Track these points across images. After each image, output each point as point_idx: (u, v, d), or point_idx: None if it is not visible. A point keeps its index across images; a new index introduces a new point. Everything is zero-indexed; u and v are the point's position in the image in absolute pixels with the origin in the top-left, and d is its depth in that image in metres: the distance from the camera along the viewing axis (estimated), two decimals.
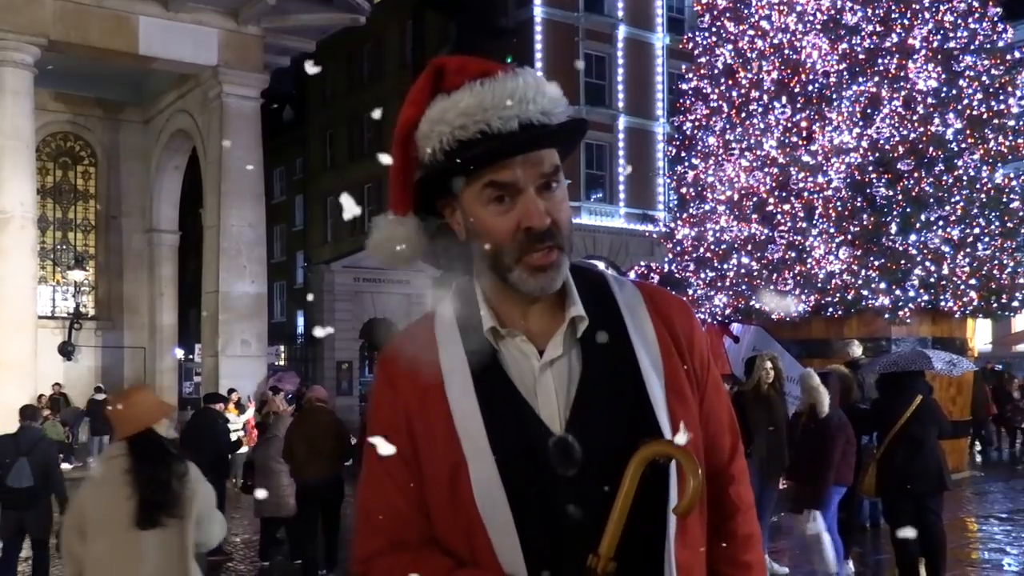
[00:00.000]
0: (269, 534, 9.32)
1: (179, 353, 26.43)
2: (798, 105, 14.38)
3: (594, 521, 1.32)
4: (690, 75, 16.58)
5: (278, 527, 9.41)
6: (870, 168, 13.61)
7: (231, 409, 15.79)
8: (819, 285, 13.70)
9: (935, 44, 13.74)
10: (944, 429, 7.91)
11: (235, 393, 15.95)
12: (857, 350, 11.08)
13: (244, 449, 12.24)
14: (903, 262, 13.28)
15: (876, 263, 13.37)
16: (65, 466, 10.35)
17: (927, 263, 13.23)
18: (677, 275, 16.23)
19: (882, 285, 13.29)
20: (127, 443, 3.83)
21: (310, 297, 27.90)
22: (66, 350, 22.09)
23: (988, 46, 14.02)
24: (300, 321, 41.31)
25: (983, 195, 13.60)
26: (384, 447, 1.43)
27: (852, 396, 8.60)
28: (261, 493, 8.80)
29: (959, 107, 13.58)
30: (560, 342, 1.43)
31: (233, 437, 10.96)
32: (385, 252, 1.52)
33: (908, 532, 7.38)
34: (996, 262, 13.50)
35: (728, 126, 15.38)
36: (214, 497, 4.12)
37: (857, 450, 8.26)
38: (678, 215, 17.02)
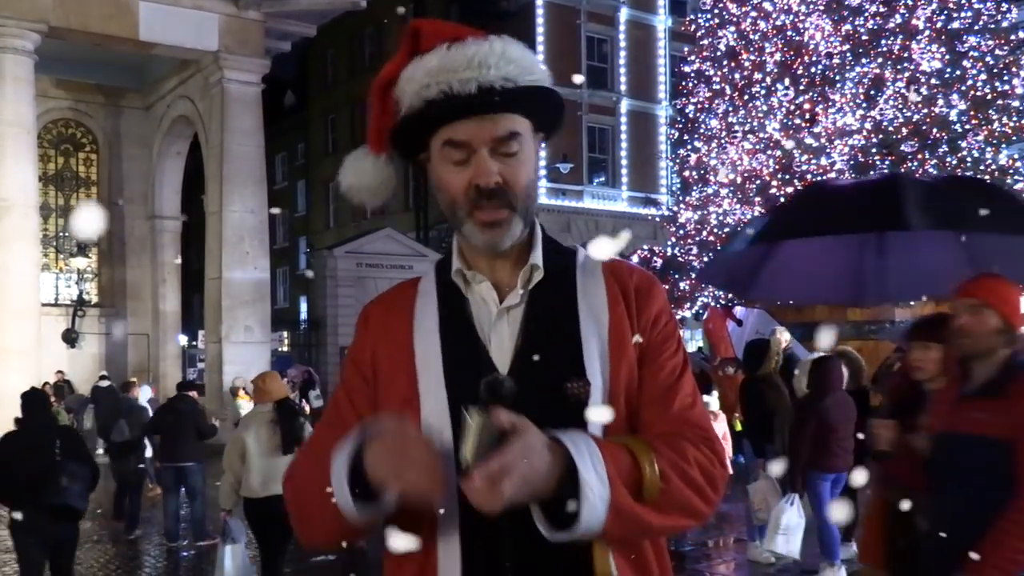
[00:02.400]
0: None
1: (182, 340, 26.47)
2: (801, 87, 14.33)
3: None
4: (692, 57, 16.52)
5: None
6: (873, 150, 13.56)
7: (242, 396, 15.79)
8: None
9: (939, 24, 13.67)
10: None
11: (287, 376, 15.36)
12: (785, 335, 10.82)
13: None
14: None
15: None
16: None
17: None
18: (680, 258, 16.21)
19: None
20: (272, 404, 6.43)
21: (310, 274, 27.94)
22: (70, 337, 22.12)
23: (992, 26, 13.94)
24: (303, 307, 41.38)
25: (987, 176, 13.55)
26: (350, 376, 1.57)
27: (862, 379, 8.54)
28: None
29: (963, 88, 13.53)
30: (519, 291, 1.51)
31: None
32: (353, 184, 1.62)
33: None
34: None
35: (731, 108, 15.33)
36: None
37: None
38: (681, 198, 17.00)
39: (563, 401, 1.40)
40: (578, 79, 25.95)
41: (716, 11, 15.87)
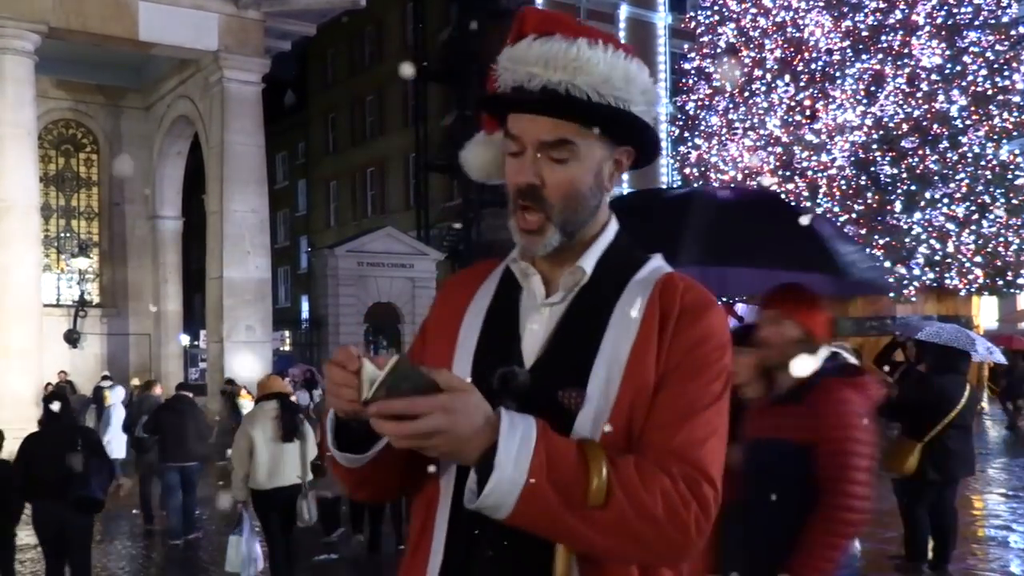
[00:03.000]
0: (329, 511, 9.26)
1: (184, 339, 26.48)
2: (801, 83, 14.31)
3: None
4: (692, 54, 16.50)
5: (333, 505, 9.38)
6: (874, 146, 13.54)
7: (244, 395, 15.81)
8: None
9: (939, 20, 13.65)
10: None
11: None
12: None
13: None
14: (908, 240, 13.24)
15: (881, 241, 13.33)
16: None
17: (932, 241, 13.19)
18: None
19: (887, 263, 13.26)
20: (276, 401, 7.28)
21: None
22: (72, 338, 22.14)
23: (993, 21, 13.91)
24: (304, 306, 41.39)
25: (988, 172, 13.54)
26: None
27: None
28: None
29: (963, 83, 13.50)
30: (564, 290, 1.49)
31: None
32: (469, 164, 1.65)
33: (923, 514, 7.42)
34: (1001, 239, 13.45)
35: (731, 105, 15.31)
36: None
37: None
38: None
39: (558, 407, 1.39)
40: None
41: (716, 8, 15.85)
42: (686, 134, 16.52)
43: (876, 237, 13.39)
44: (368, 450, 1.41)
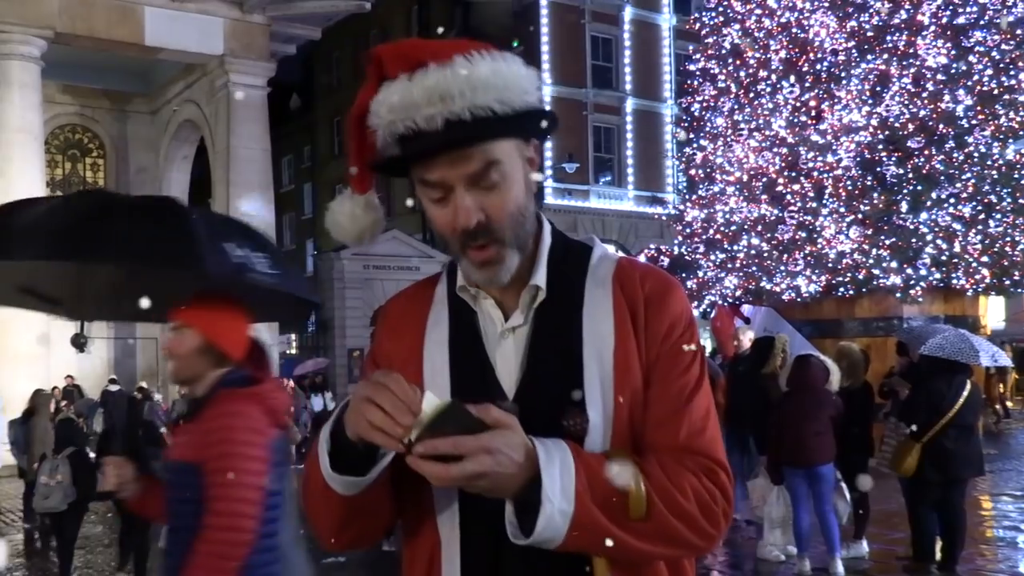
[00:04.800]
0: None
1: None
2: (807, 84, 14.28)
3: None
4: (697, 56, 16.47)
5: None
6: (880, 146, 13.52)
7: None
8: (830, 265, 13.65)
9: (944, 20, 13.61)
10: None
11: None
12: (749, 334, 10.88)
13: None
14: (914, 240, 13.21)
15: (887, 242, 13.30)
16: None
17: (938, 241, 13.16)
18: (687, 257, 16.19)
19: (893, 264, 13.23)
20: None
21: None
22: (79, 342, 22.06)
23: (998, 21, 13.87)
24: None
25: (994, 172, 13.49)
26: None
27: (861, 376, 8.54)
28: None
29: (969, 83, 13.46)
30: (523, 311, 1.45)
31: None
32: (343, 227, 1.52)
33: (931, 513, 7.40)
34: (1008, 239, 13.41)
35: (736, 106, 15.29)
36: None
37: (868, 430, 8.26)
38: (687, 197, 16.96)
39: (561, 434, 1.35)
40: None
41: (721, 9, 15.84)
42: (691, 135, 16.51)
43: (882, 238, 13.37)
44: (366, 473, 1.33)
